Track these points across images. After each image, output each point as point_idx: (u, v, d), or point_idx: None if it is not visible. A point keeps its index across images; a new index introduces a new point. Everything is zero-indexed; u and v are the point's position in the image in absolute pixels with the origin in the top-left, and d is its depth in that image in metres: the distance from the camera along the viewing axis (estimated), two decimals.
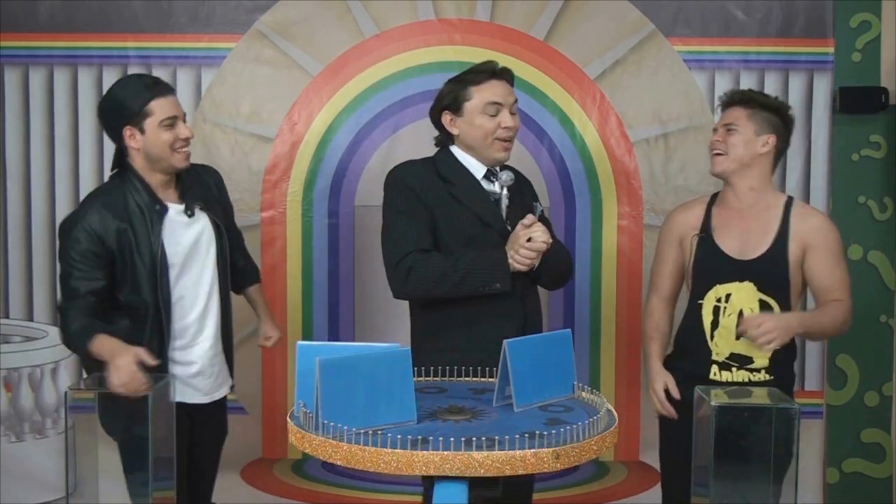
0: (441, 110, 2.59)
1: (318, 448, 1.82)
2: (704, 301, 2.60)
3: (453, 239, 2.51)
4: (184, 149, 2.54)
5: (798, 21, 3.38)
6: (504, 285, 2.45)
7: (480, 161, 2.59)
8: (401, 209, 2.52)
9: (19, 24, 3.39)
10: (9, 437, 3.47)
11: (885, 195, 3.54)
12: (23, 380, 3.47)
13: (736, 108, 2.63)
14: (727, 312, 2.56)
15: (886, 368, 3.59)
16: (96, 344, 2.41)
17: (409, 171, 2.59)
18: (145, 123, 2.48)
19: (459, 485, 1.76)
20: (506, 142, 2.57)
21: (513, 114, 2.58)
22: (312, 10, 3.40)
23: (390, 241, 2.52)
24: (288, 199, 3.42)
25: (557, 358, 2.15)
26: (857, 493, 3.58)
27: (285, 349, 3.42)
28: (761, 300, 2.56)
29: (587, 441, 1.83)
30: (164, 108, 2.48)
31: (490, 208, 2.55)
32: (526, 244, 2.41)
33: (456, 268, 2.44)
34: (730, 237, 2.60)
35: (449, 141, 2.62)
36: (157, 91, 2.49)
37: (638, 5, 3.39)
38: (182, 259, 2.56)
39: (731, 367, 2.57)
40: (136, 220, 2.50)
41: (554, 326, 3.40)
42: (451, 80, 2.62)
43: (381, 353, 1.95)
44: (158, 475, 2.35)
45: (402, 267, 2.46)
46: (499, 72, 2.59)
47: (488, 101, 2.54)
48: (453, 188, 2.55)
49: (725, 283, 2.57)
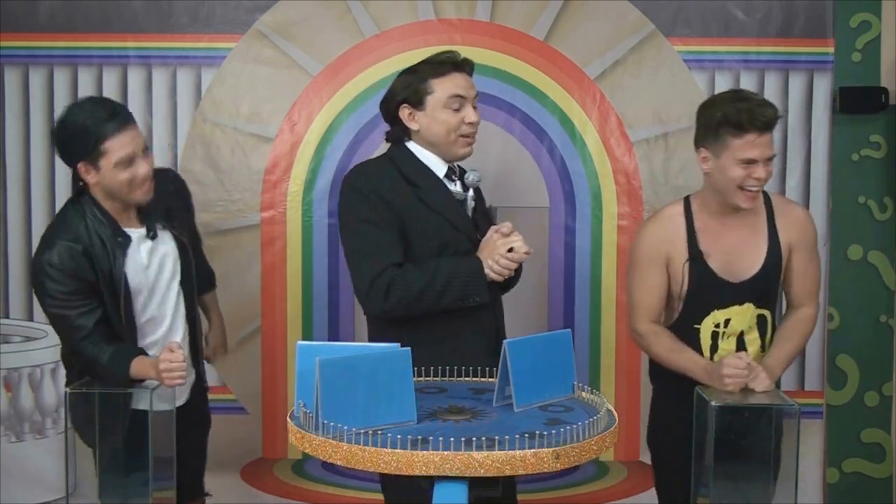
0: (398, 104, 2.47)
1: (318, 448, 1.82)
2: (702, 326, 2.51)
3: (425, 246, 2.41)
4: (144, 186, 2.38)
5: (798, 21, 3.38)
6: (483, 297, 2.37)
7: (441, 157, 2.47)
8: (368, 217, 2.38)
9: (19, 24, 3.38)
10: (9, 437, 3.47)
11: (885, 195, 3.54)
12: (23, 380, 3.47)
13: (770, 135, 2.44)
14: (726, 335, 2.50)
15: (886, 368, 3.59)
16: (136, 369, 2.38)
17: (373, 173, 2.46)
18: (100, 162, 2.32)
19: (459, 485, 1.76)
20: (469, 137, 2.47)
21: (474, 108, 2.47)
22: (312, 10, 3.39)
23: (361, 257, 2.38)
24: (288, 199, 3.42)
25: (557, 358, 2.15)
26: (857, 493, 3.58)
27: (285, 349, 3.42)
28: (759, 315, 2.53)
29: (587, 441, 1.83)
30: (120, 147, 2.30)
31: (458, 212, 2.45)
32: (507, 254, 2.33)
33: (435, 281, 2.33)
34: (719, 255, 2.48)
35: (405, 136, 2.50)
36: (113, 128, 2.30)
37: (638, 5, 3.39)
38: (148, 285, 2.48)
39: None
40: (98, 252, 2.37)
41: (554, 326, 3.40)
42: (406, 70, 2.50)
43: (381, 353, 1.95)
44: (158, 475, 2.35)
45: (380, 284, 2.34)
46: (461, 63, 2.48)
47: (452, 95, 2.42)
48: (419, 191, 2.43)
49: (725, 307, 2.48)
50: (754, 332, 2.52)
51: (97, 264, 2.37)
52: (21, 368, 3.46)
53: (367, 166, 2.54)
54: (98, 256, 2.37)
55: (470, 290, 2.35)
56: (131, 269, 2.44)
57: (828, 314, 3.47)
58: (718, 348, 2.51)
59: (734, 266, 2.48)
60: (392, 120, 2.52)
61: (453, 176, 2.50)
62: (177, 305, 2.58)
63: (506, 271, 2.36)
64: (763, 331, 2.54)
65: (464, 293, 2.35)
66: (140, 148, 2.37)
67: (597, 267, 3.44)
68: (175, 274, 2.56)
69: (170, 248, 2.55)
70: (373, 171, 2.48)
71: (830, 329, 3.52)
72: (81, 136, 2.30)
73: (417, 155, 2.49)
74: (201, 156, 3.40)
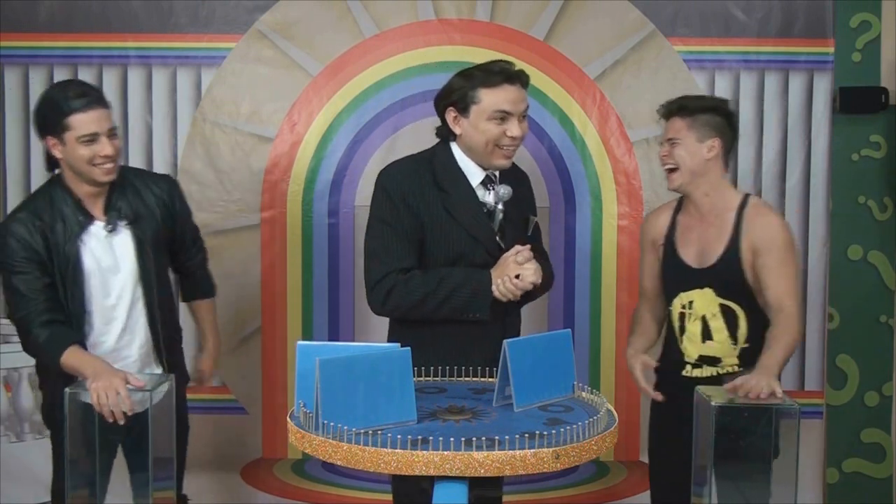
0: (447, 105, 2.47)
1: (318, 448, 1.82)
2: (672, 308, 2.66)
3: (441, 253, 2.43)
4: (105, 165, 2.45)
5: (798, 21, 3.38)
6: (482, 315, 2.39)
7: (479, 165, 2.49)
8: (388, 220, 2.42)
9: (19, 24, 3.38)
10: (9, 437, 3.47)
11: (885, 195, 3.54)
12: (23, 380, 3.47)
13: (675, 120, 2.61)
14: (692, 318, 2.61)
15: (886, 368, 3.59)
16: (69, 357, 2.39)
17: (405, 174, 2.47)
18: (65, 136, 2.42)
19: (459, 485, 1.76)
20: (509, 149, 2.46)
21: (522, 120, 2.46)
22: (312, 10, 3.39)
23: (372, 257, 2.44)
24: (288, 199, 3.42)
25: (557, 358, 2.15)
26: (857, 493, 3.58)
27: (285, 349, 3.42)
28: (722, 305, 2.58)
29: (587, 441, 1.83)
30: (84, 124, 2.40)
31: (482, 223, 2.46)
32: (514, 280, 2.35)
33: (437, 292, 2.37)
34: (690, 245, 2.64)
35: (451, 136, 2.51)
36: (79, 105, 2.40)
37: (638, 5, 3.39)
38: (99, 273, 2.50)
39: (701, 366, 2.63)
40: (58, 228, 2.46)
41: (554, 326, 3.41)
42: (462, 73, 2.49)
43: (381, 353, 1.96)
44: (158, 475, 2.35)
45: (382, 287, 2.39)
46: (514, 75, 2.45)
47: (497, 108, 2.41)
48: (447, 198, 2.44)
49: (688, 290, 2.62)
50: (719, 320, 2.59)
51: (52, 240, 2.44)
52: (21, 368, 3.46)
53: (402, 166, 2.53)
54: (56, 233, 2.45)
55: (472, 306, 2.38)
56: (86, 250, 2.48)
57: (828, 314, 3.48)
58: (686, 330, 2.63)
59: (698, 253, 2.63)
60: (442, 118, 2.52)
61: (490, 185, 2.49)
62: (132, 308, 2.56)
63: (510, 295, 2.38)
64: (733, 325, 2.59)
65: (465, 307, 2.38)
66: (105, 129, 2.44)
67: (597, 267, 3.45)
68: (130, 271, 2.55)
69: (128, 248, 2.55)
70: (405, 172, 2.48)
71: (830, 329, 3.52)
72: (50, 111, 2.43)
73: (457, 158, 2.49)
74: (201, 156, 3.40)
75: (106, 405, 2.29)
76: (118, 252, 2.53)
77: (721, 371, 2.60)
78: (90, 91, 2.48)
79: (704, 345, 2.60)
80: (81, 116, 2.40)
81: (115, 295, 2.54)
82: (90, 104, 2.42)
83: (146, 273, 2.56)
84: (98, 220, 2.52)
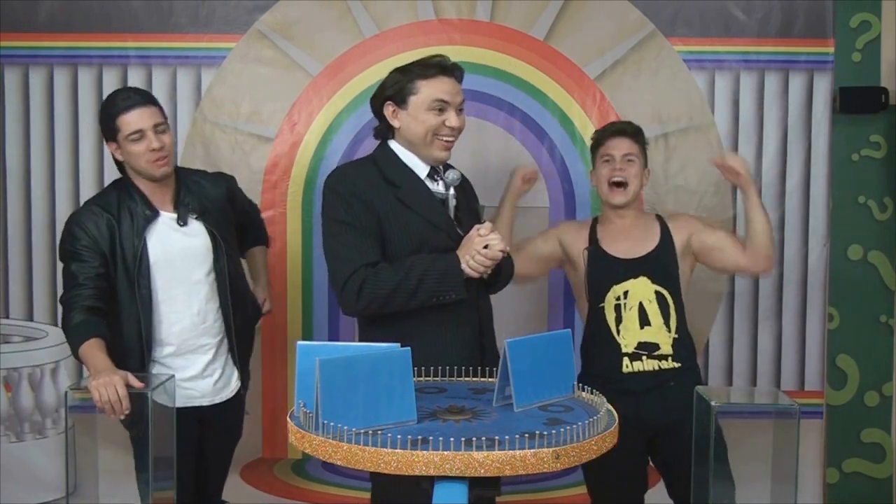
0: (384, 100, 2.49)
1: (318, 448, 1.82)
2: (605, 303, 2.77)
3: (403, 245, 2.42)
4: (158, 160, 2.58)
5: (798, 21, 3.38)
6: (459, 293, 2.37)
7: (421, 159, 2.49)
8: (344, 219, 2.41)
9: (19, 24, 3.38)
10: (9, 437, 3.48)
11: (885, 195, 3.54)
12: (23, 380, 3.47)
13: (628, 140, 2.84)
14: (628, 307, 2.75)
15: (886, 368, 3.59)
16: (86, 349, 2.42)
17: (352, 175, 2.48)
18: (118, 138, 2.57)
19: (459, 485, 1.76)
20: (447, 140, 2.47)
21: (459, 113, 2.48)
22: (312, 10, 3.40)
23: (336, 257, 2.42)
24: (288, 199, 3.42)
25: (557, 358, 2.15)
26: (857, 493, 3.58)
27: (285, 349, 3.42)
28: (657, 291, 2.76)
29: (587, 441, 1.83)
30: (129, 123, 2.55)
31: (438, 210, 2.45)
32: (482, 251, 2.34)
33: (409, 279, 2.34)
34: (618, 243, 2.83)
35: (389, 134, 2.52)
36: (123, 106, 2.56)
37: (638, 5, 3.39)
38: (170, 264, 2.59)
39: (641, 357, 2.72)
40: (125, 222, 2.58)
41: (554, 326, 3.41)
42: (397, 69, 2.51)
43: (381, 353, 1.95)
44: (158, 475, 2.36)
45: (353, 284, 2.36)
46: (449, 68, 2.48)
47: (435, 98, 2.43)
48: (399, 191, 2.44)
49: (621, 282, 2.77)
50: (655, 305, 2.75)
51: (118, 235, 2.56)
52: (21, 368, 3.47)
53: (347, 168, 2.55)
54: (124, 226, 2.57)
55: (445, 287, 2.36)
56: (154, 242, 2.58)
57: (828, 314, 3.48)
58: (623, 319, 2.74)
59: (627, 249, 2.81)
60: (380, 116, 2.54)
61: (436, 176, 2.50)
62: (207, 299, 2.64)
63: (481, 268, 2.36)
64: (665, 313, 2.75)
65: (438, 290, 2.36)
66: (150, 125, 2.57)
67: None
68: (205, 263, 2.64)
69: (202, 238, 2.65)
70: (352, 172, 2.50)
71: (830, 329, 3.52)
72: (104, 119, 2.61)
73: (399, 154, 2.50)
74: (201, 155, 3.40)
75: (106, 401, 2.32)
76: (190, 244, 2.63)
77: (663, 366, 2.70)
78: (135, 93, 2.64)
79: (643, 330, 2.73)
80: (126, 116, 2.55)
81: (187, 289, 2.61)
82: (134, 104, 2.57)
83: (219, 264, 2.66)
84: (165, 213, 2.62)
